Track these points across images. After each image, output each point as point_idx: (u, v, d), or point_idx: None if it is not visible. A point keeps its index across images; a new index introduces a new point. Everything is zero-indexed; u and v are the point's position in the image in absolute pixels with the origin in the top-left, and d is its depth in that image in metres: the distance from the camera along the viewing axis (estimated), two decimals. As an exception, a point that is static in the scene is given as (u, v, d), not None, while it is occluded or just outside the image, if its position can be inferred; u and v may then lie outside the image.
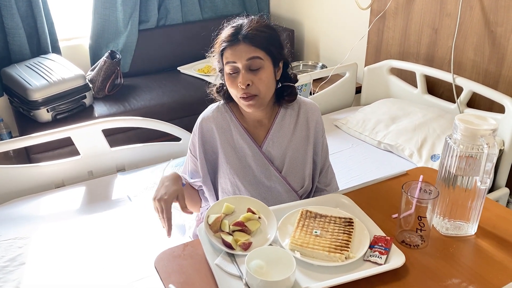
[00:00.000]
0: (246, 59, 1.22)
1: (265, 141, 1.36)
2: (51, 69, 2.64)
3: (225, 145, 1.35)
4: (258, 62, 1.24)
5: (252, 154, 1.35)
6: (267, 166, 1.35)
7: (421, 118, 2.27)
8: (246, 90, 1.24)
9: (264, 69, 1.25)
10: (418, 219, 1.04)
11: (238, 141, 1.35)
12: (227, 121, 1.36)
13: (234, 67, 1.24)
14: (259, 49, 1.24)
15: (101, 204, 1.91)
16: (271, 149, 1.36)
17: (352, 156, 2.25)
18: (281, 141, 1.37)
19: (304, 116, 1.39)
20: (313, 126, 1.40)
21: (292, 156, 1.37)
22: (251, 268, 0.94)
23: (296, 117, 1.39)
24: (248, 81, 1.23)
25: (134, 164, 2.20)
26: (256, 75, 1.24)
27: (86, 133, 2.04)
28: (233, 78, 1.25)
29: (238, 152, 1.35)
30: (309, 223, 1.11)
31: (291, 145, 1.37)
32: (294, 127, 1.38)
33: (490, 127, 1.00)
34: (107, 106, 2.77)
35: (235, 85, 1.25)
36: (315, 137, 1.40)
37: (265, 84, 1.26)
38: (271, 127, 1.36)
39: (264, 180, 1.36)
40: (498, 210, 1.22)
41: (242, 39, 1.23)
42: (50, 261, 1.55)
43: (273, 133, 1.36)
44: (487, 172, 1.00)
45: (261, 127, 1.37)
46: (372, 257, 1.02)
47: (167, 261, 1.04)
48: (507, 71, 2.14)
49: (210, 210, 1.11)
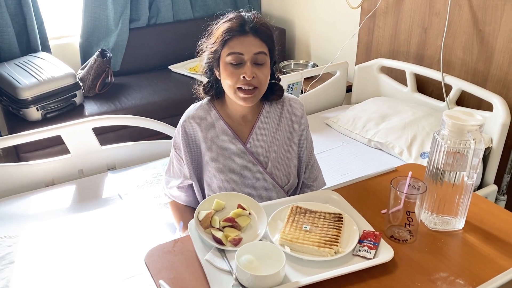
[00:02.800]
0: (254, 53, 1.23)
1: (250, 137, 1.36)
2: (41, 67, 2.63)
3: (210, 143, 1.35)
4: (264, 57, 1.25)
5: (236, 151, 1.35)
6: (252, 162, 1.35)
7: (411, 116, 2.28)
8: (250, 81, 1.24)
9: (266, 65, 1.27)
10: (407, 214, 1.06)
11: (223, 138, 1.35)
12: (211, 118, 1.36)
13: (239, 58, 1.23)
14: (265, 44, 1.25)
15: (92, 202, 1.90)
16: (255, 145, 1.36)
17: (343, 154, 2.27)
18: (266, 137, 1.37)
19: (288, 111, 1.40)
20: (297, 122, 1.41)
21: (276, 152, 1.38)
22: (241, 263, 0.94)
23: (280, 113, 1.40)
24: (254, 74, 1.24)
25: (125, 163, 2.19)
26: (260, 69, 1.25)
27: (76, 132, 2.03)
28: (234, 69, 1.24)
29: (223, 149, 1.36)
30: (299, 219, 1.11)
31: (275, 141, 1.38)
32: (278, 123, 1.39)
33: (477, 123, 1.01)
34: (97, 105, 2.76)
35: (235, 76, 1.24)
36: (299, 132, 1.41)
37: (265, 78, 1.28)
38: (255, 124, 1.37)
39: (249, 177, 1.36)
40: (485, 205, 1.24)
41: (250, 30, 1.23)
42: (39, 260, 1.54)
43: (258, 129, 1.37)
44: (474, 167, 1.01)
45: (245, 123, 1.38)
46: (361, 252, 1.03)
47: (157, 257, 1.04)
48: (495, 70, 2.17)
49: (200, 206, 1.11)
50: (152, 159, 2.19)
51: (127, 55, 3.17)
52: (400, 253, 1.05)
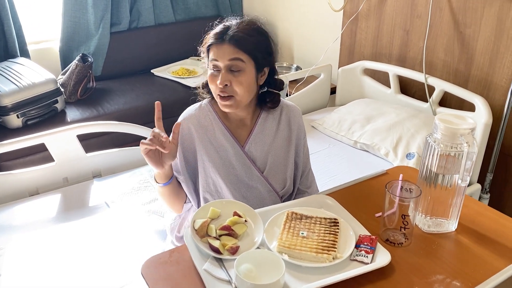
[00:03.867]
0: (228, 59, 1.24)
1: (248, 141, 1.36)
2: (20, 73, 2.56)
3: (207, 144, 1.35)
4: (239, 64, 1.24)
5: (234, 153, 1.35)
6: (249, 166, 1.35)
7: (395, 118, 2.31)
8: (224, 90, 1.25)
9: (244, 72, 1.26)
10: (402, 217, 1.07)
11: (221, 140, 1.35)
12: (209, 119, 1.36)
13: (216, 65, 1.26)
14: (243, 51, 1.24)
15: (78, 211, 1.86)
16: (253, 149, 1.36)
17: (329, 156, 2.28)
18: (264, 142, 1.37)
19: (286, 118, 1.40)
20: (296, 129, 1.41)
21: (274, 156, 1.38)
22: (240, 272, 0.94)
23: (279, 118, 1.40)
24: (227, 82, 1.24)
25: (111, 170, 2.15)
26: (236, 76, 1.25)
27: (60, 139, 1.99)
28: (213, 76, 1.27)
29: (220, 151, 1.35)
30: (295, 225, 1.11)
31: (273, 146, 1.38)
32: (277, 128, 1.39)
33: (469, 126, 1.03)
34: (79, 111, 2.71)
35: (214, 83, 1.27)
36: (297, 139, 1.42)
37: (243, 87, 1.26)
38: (253, 128, 1.37)
39: (245, 180, 1.36)
40: (476, 206, 1.26)
41: (227, 39, 1.24)
42: (27, 272, 1.50)
43: (256, 133, 1.37)
44: (467, 170, 1.03)
45: (244, 127, 1.38)
46: (359, 257, 1.03)
47: (153, 268, 1.02)
48: (476, 71, 2.21)
49: (196, 215, 1.10)
50: (138, 166, 2.17)
51: (108, 59, 3.12)
52: (396, 256, 1.06)
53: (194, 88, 1.46)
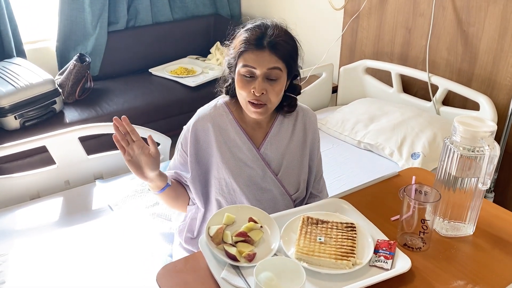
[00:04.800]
0: (267, 68, 1.19)
1: (263, 143, 1.34)
2: (17, 74, 2.52)
3: (222, 145, 1.32)
4: (277, 73, 1.21)
5: (249, 155, 1.32)
6: (264, 168, 1.33)
7: (399, 117, 2.30)
8: (258, 98, 1.21)
9: (280, 80, 1.23)
10: (421, 222, 1.05)
11: (236, 141, 1.32)
12: (224, 120, 1.33)
13: (251, 71, 1.20)
14: (281, 60, 1.21)
15: (81, 215, 1.83)
16: (268, 151, 1.34)
17: (334, 156, 2.26)
18: (279, 145, 1.35)
19: (302, 122, 1.38)
20: (311, 133, 1.39)
21: (289, 159, 1.36)
22: (261, 281, 0.91)
23: (294, 122, 1.38)
24: (263, 90, 1.20)
25: (112, 172, 2.12)
26: (272, 85, 1.22)
27: (62, 141, 1.95)
28: (246, 81, 1.22)
29: (234, 152, 1.32)
30: (311, 230, 1.09)
31: (288, 149, 1.36)
32: (292, 131, 1.37)
33: (489, 129, 1.01)
34: (78, 112, 2.66)
35: (246, 89, 1.22)
36: (311, 144, 1.40)
37: (277, 95, 1.24)
38: (269, 130, 1.35)
39: (259, 182, 1.34)
40: (492, 208, 1.25)
41: (267, 45, 1.19)
42: (31, 278, 1.47)
43: (272, 136, 1.34)
44: (489, 174, 1.01)
45: (260, 129, 1.35)
46: (378, 262, 1.01)
47: (169, 276, 1.00)
48: (479, 70, 2.21)
49: (210, 221, 1.08)
50: (140, 167, 2.13)
51: (106, 59, 3.07)
52: (415, 261, 1.04)
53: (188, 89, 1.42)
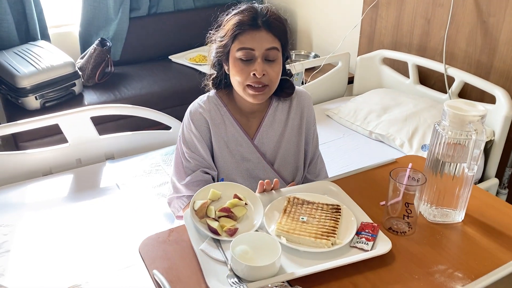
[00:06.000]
0: (266, 48, 1.18)
1: (257, 133, 1.33)
2: (40, 56, 2.60)
3: (218, 138, 1.31)
4: (275, 53, 1.20)
5: (244, 147, 1.32)
6: (259, 159, 1.32)
7: (413, 108, 2.26)
8: (259, 80, 1.19)
9: (278, 61, 1.22)
10: (405, 205, 1.04)
11: (231, 133, 1.31)
12: (219, 113, 1.31)
13: (250, 54, 1.18)
14: (278, 39, 1.20)
15: (89, 192, 1.89)
16: (263, 141, 1.33)
17: (343, 145, 2.25)
18: (274, 133, 1.34)
19: (297, 105, 1.36)
20: (306, 116, 1.37)
21: (285, 148, 1.35)
22: (236, 254, 0.93)
23: (289, 107, 1.36)
24: (264, 71, 1.19)
25: (123, 153, 2.17)
26: (271, 66, 1.20)
27: (74, 120, 2.02)
28: (243, 65, 1.19)
29: (230, 145, 1.32)
30: (296, 210, 1.10)
31: (284, 136, 1.35)
32: (287, 117, 1.35)
33: (479, 113, 0.99)
34: (97, 95, 2.74)
35: (245, 72, 1.19)
36: (307, 127, 1.38)
37: (277, 76, 1.23)
38: (263, 119, 1.33)
39: (256, 173, 1.33)
40: (486, 198, 1.22)
41: (262, 25, 1.18)
42: (36, 249, 1.53)
43: (265, 125, 1.33)
44: (474, 159, 0.99)
45: (254, 119, 1.34)
46: (359, 244, 1.01)
47: (151, 246, 1.03)
48: (499, 62, 2.14)
49: (196, 196, 1.09)
50: (150, 149, 2.18)
51: (127, 44, 3.14)
52: (398, 245, 1.03)
53: (203, 76, 1.40)
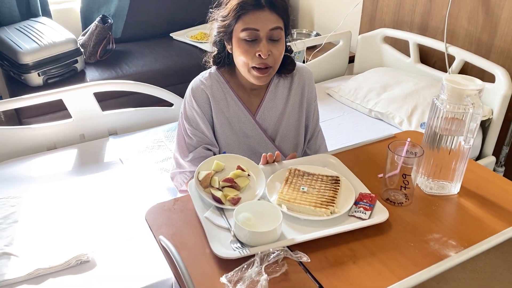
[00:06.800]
0: (270, 29, 1.18)
1: (259, 110, 1.34)
2: (42, 32, 2.61)
3: (219, 115, 1.32)
4: (279, 33, 1.20)
5: (246, 123, 1.33)
6: (260, 135, 1.34)
7: (413, 87, 2.28)
8: (264, 61, 1.19)
9: (282, 40, 1.22)
10: (403, 177, 1.07)
11: (233, 110, 1.32)
12: (221, 89, 1.32)
13: (254, 34, 1.18)
14: (281, 19, 1.19)
15: (93, 166, 1.92)
16: (265, 117, 1.35)
17: (343, 123, 2.27)
18: (275, 109, 1.35)
19: (298, 81, 1.38)
20: (307, 92, 1.39)
21: (286, 124, 1.36)
22: (239, 220, 0.96)
23: (290, 83, 1.37)
24: (269, 52, 1.19)
25: (126, 128, 2.20)
26: (275, 46, 1.20)
27: (77, 96, 2.04)
28: (248, 46, 1.19)
29: (232, 122, 1.33)
30: (297, 181, 1.13)
31: (285, 113, 1.36)
32: (288, 93, 1.37)
33: (476, 87, 1.01)
34: (99, 71, 2.75)
35: (250, 53, 1.19)
36: (308, 103, 1.40)
37: (280, 56, 1.23)
38: (264, 95, 1.34)
39: (258, 150, 1.35)
40: (483, 172, 1.25)
41: (266, 4, 1.17)
42: (42, 220, 1.57)
43: (267, 101, 1.34)
44: (471, 132, 1.02)
45: (255, 95, 1.35)
46: (357, 213, 1.05)
47: (157, 214, 1.06)
48: (499, 41, 2.15)
49: (200, 167, 1.13)
50: (153, 126, 2.21)
51: (128, 21, 3.13)
52: (395, 215, 1.07)
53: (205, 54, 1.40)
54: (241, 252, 0.91)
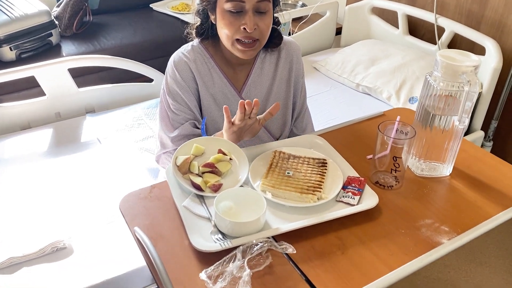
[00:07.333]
0: (256, 1, 1.10)
1: (245, 85, 1.27)
2: (12, 3, 2.46)
3: (204, 91, 1.25)
4: (266, 4, 1.12)
5: (231, 100, 1.26)
6: None
7: (401, 60, 2.21)
8: (250, 34, 1.12)
9: (269, 13, 1.15)
10: (393, 159, 1.01)
11: (218, 86, 1.25)
12: (205, 63, 1.24)
13: (239, 5, 1.10)
14: None
15: (69, 146, 1.84)
16: (251, 94, 1.28)
17: (330, 98, 2.21)
18: (262, 86, 1.29)
19: (286, 56, 1.31)
20: (294, 67, 1.32)
21: (273, 101, 1.30)
22: (220, 210, 0.90)
23: (277, 58, 1.30)
24: (255, 25, 1.12)
25: (104, 106, 2.11)
26: (262, 19, 1.13)
27: (51, 72, 1.93)
28: (232, 18, 1.12)
29: (217, 98, 1.26)
30: (281, 164, 1.07)
31: (272, 90, 1.30)
32: (275, 69, 1.30)
33: (472, 64, 0.95)
34: (75, 45, 2.62)
35: (234, 26, 1.12)
36: (295, 79, 1.33)
37: (268, 29, 1.16)
38: (250, 71, 1.27)
39: None
40: (474, 151, 1.20)
41: None
42: (15, 204, 1.50)
43: (253, 77, 1.27)
44: (466, 112, 0.96)
45: (241, 71, 1.28)
46: (345, 198, 0.99)
47: (132, 203, 0.99)
48: (490, 12, 2.08)
49: (178, 151, 1.05)
50: (132, 103, 2.12)
51: (105, -8, 2.98)
52: (385, 199, 1.02)
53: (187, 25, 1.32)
54: (222, 244, 0.85)
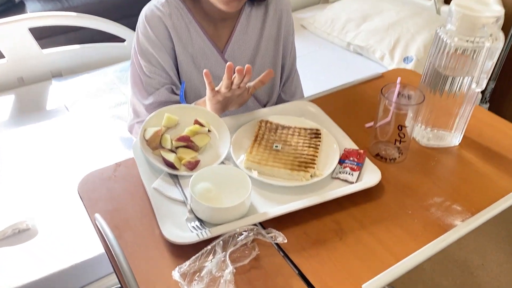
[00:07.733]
0: None
1: (228, 44, 1.11)
2: (-35, -46, 2.21)
3: (181, 50, 1.09)
4: None
5: (212, 61, 1.11)
6: None
7: (395, 16, 2.05)
8: None
9: None
10: (398, 129, 0.88)
11: (197, 45, 1.09)
12: (182, 19, 1.08)
13: None
14: None
15: (34, 114, 1.68)
16: (235, 54, 1.12)
17: (319, 59, 2.05)
18: (247, 45, 1.13)
19: (274, 11, 1.14)
20: (284, 24, 1.16)
21: (260, 63, 1.15)
22: (196, 192, 0.76)
23: (264, 13, 1.14)
24: None
25: (72, 69, 1.93)
26: None
27: (9, 32, 1.74)
28: None
29: (196, 59, 1.11)
30: (268, 136, 0.92)
31: (259, 49, 1.14)
32: (262, 26, 1.14)
33: (494, 14, 0.80)
34: (40, 3, 2.40)
35: None
36: (285, 37, 1.18)
37: None
38: (234, 28, 1.11)
39: None
40: (483, 115, 1.07)
41: None
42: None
43: (237, 35, 1.11)
44: (485, 72, 0.82)
45: (224, 28, 1.12)
46: (342, 174, 0.86)
47: (93, 184, 0.85)
48: (493, -38, 1.91)
49: (147, 122, 0.90)
50: (103, 65, 1.94)
51: None
52: (387, 174, 0.88)
53: None
54: (199, 234, 0.72)
